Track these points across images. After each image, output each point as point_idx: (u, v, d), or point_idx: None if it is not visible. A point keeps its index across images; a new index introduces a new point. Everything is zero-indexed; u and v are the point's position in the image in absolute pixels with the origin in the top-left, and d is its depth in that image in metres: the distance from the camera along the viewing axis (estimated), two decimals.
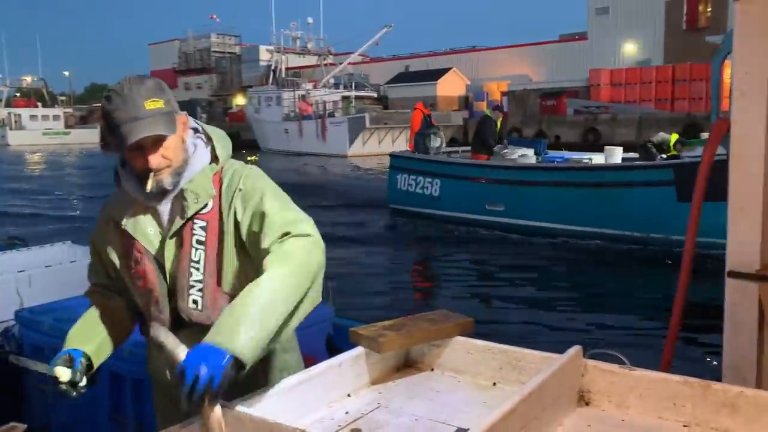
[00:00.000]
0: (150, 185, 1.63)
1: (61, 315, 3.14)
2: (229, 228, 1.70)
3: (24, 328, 3.15)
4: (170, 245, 1.72)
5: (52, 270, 3.84)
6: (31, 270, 3.78)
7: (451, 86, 45.92)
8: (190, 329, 1.70)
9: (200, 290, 1.70)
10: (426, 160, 12.51)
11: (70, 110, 67.47)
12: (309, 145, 36.28)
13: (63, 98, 73.94)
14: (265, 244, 1.60)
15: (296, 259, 1.54)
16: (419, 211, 12.57)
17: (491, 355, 1.85)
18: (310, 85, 42.88)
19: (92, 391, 2.85)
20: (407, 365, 2.00)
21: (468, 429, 1.28)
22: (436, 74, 46.70)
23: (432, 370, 1.96)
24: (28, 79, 71.58)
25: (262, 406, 1.42)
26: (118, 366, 2.80)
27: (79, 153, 43.71)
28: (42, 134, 59.10)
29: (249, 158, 25.20)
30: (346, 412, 1.68)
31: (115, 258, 1.79)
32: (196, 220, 1.70)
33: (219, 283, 1.71)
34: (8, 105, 64.20)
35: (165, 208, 1.72)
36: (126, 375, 2.79)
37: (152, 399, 1.97)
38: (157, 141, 1.62)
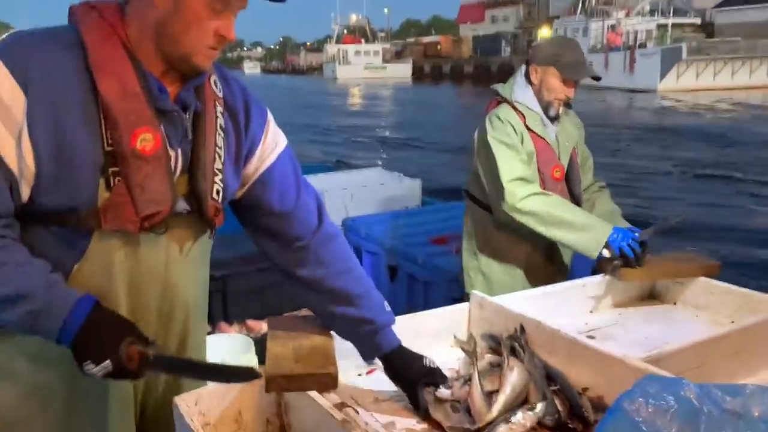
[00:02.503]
0: (557, 109, 2.40)
1: (372, 226, 3.96)
2: None
3: (349, 232, 4.03)
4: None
5: (366, 189, 4.71)
6: (352, 188, 4.66)
7: None
8: None
9: None
10: None
11: (387, 46, 73.76)
12: (613, 79, 33.60)
13: (382, 34, 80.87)
14: None
15: None
16: None
17: (731, 297, 1.98)
18: (621, 14, 40.06)
19: (394, 286, 3.62)
20: (651, 297, 2.22)
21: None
22: None
23: (674, 304, 2.16)
24: (354, 17, 79.78)
25: (513, 304, 1.82)
26: (414, 270, 3.50)
27: (393, 86, 47.80)
28: (363, 68, 65.82)
29: None
30: (585, 323, 2.01)
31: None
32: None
33: None
34: (338, 41, 72.74)
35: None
36: (419, 278, 3.47)
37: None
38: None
